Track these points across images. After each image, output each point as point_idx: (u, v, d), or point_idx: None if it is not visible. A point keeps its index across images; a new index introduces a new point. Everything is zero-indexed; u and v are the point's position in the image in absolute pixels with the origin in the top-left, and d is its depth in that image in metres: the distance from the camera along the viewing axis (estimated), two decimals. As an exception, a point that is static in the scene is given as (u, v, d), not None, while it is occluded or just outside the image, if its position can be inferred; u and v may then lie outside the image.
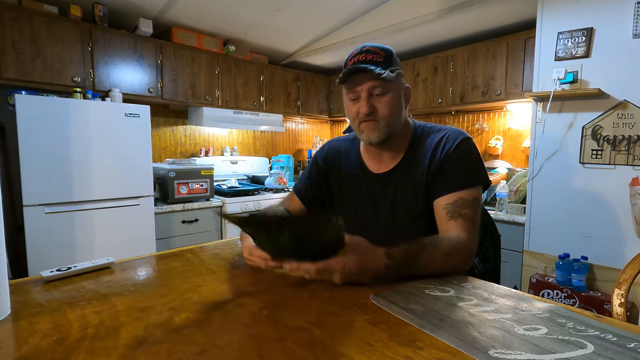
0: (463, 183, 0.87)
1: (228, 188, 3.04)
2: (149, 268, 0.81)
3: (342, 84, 0.91)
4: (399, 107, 0.91)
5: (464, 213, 0.84)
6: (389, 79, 0.86)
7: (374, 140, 0.91)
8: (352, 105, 0.91)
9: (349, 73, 0.87)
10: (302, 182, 1.11)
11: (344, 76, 0.88)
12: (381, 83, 0.87)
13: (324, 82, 3.88)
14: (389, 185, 0.97)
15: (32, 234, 1.99)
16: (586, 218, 1.90)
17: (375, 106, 0.88)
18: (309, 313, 0.57)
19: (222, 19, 2.74)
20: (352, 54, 0.90)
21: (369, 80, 0.87)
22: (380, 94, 0.88)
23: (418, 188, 0.93)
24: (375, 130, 0.90)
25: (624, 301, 0.90)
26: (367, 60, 0.87)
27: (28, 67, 2.14)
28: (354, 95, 0.90)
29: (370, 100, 0.88)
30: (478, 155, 0.93)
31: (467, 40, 2.84)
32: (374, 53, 0.88)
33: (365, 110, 0.88)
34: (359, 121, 0.91)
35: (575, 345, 0.47)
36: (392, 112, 0.89)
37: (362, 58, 0.88)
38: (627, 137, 1.76)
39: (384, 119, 0.89)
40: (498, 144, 2.86)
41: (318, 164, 1.10)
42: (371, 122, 0.89)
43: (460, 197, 0.86)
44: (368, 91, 0.88)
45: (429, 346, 0.47)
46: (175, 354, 0.45)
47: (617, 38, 1.76)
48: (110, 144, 2.22)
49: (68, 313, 0.56)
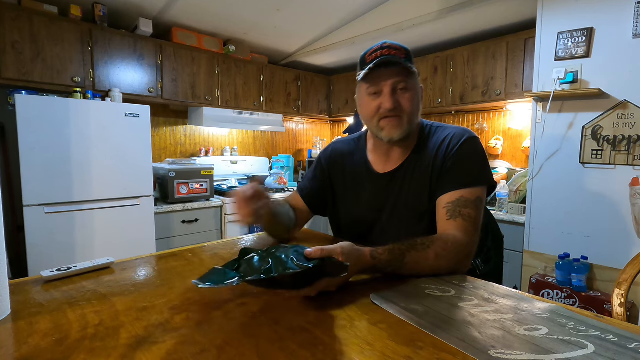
0: (466, 182, 0.85)
1: (228, 188, 3.04)
2: (149, 268, 0.81)
3: (364, 79, 0.88)
4: (419, 105, 0.90)
5: (465, 212, 0.82)
6: (413, 74, 0.86)
7: (396, 137, 0.88)
8: (372, 101, 0.88)
9: (374, 67, 0.83)
10: (306, 183, 1.11)
11: (369, 70, 0.84)
12: (405, 78, 0.85)
13: (324, 82, 3.88)
14: (393, 185, 0.96)
15: (32, 233, 1.99)
16: (586, 218, 1.90)
17: (399, 101, 0.86)
18: (308, 313, 0.57)
19: (222, 19, 2.74)
20: (372, 49, 0.88)
21: (394, 74, 0.85)
22: (403, 90, 0.86)
23: (422, 188, 0.91)
24: (399, 127, 0.87)
25: (624, 301, 0.90)
26: (391, 55, 0.85)
27: (28, 67, 2.14)
28: (376, 90, 0.87)
29: (394, 95, 0.86)
30: (483, 155, 0.90)
31: (467, 40, 2.84)
32: (396, 49, 0.87)
33: (389, 105, 0.85)
34: (380, 117, 0.88)
35: (576, 345, 0.47)
36: (414, 108, 0.88)
37: (385, 53, 0.86)
38: (627, 137, 1.76)
39: (407, 114, 0.87)
40: (498, 144, 2.86)
41: (322, 165, 1.09)
42: (394, 118, 0.87)
43: (462, 196, 0.84)
44: (392, 86, 0.85)
45: (429, 346, 0.47)
46: (175, 354, 0.45)
47: (617, 38, 1.76)
48: (110, 144, 2.22)
49: (68, 313, 0.56)
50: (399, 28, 2.70)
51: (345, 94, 3.76)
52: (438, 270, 0.74)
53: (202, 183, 2.70)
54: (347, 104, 3.77)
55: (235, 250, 0.93)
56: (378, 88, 0.87)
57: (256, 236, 1.08)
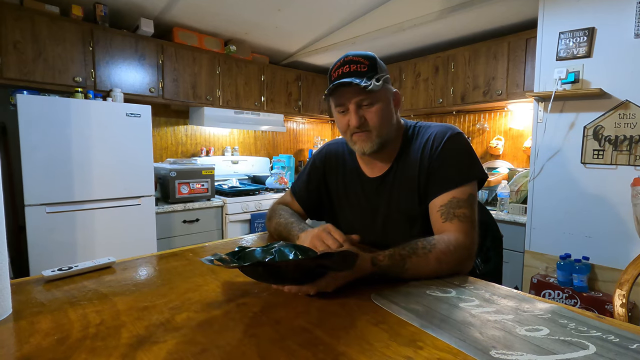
0: (455, 181, 0.85)
1: (229, 188, 3.04)
2: (149, 268, 0.81)
3: (329, 97, 0.89)
4: (388, 115, 0.90)
5: (459, 213, 0.82)
6: (375, 90, 0.84)
7: (367, 151, 0.90)
8: (342, 117, 0.90)
9: (334, 88, 0.84)
10: (300, 184, 1.11)
11: (329, 91, 0.85)
12: (368, 95, 0.85)
13: (325, 82, 3.87)
14: (383, 189, 0.96)
15: (34, 233, 1.99)
16: (587, 218, 1.89)
17: (365, 117, 0.87)
18: (309, 313, 0.57)
19: (223, 19, 2.74)
20: (335, 66, 0.89)
21: (356, 93, 0.85)
22: (368, 105, 0.86)
23: (411, 191, 0.91)
24: (368, 141, 0.89)
25: (626, 302, 0.90)
26: (351, 71, 0.85)
27: (30, 67, 2.15)
28: (343, 109, 0.89)
29: (359, 111, 0.87)
30: (469, 150, 0.90)
31: (468, 40, 2.84)
32: (357, 63, 0.86)
33: (355, 122, 0.86)
34: (351, 132, 0.90)
35: (577, 346, 0.47)
36: (382, 121, 0.88)
37: (345, 70, 0.86)
38: (629, 137, 1.76)
39: (375, 129, 0.88)
40: (499, 144, 2.86)
41: (317, 167, 1.09)
42: (362, 133, 0.88)
43: (454, 197, 0.84)
44: (356, 104, 0.86)
45: (429, 346, 0.47)
46: (175, 354, 0.45)
47: (618, 38, 1.76)
48: (111, 143, 2.22)
49: (69, 312, 0.57)
50: (400, 28, 2.70)
51: (346, 94, 3.76)
52: (440, 273, 0.74)
53: (203, 183, 2.70)
54: (348, 104, 3.76)
55: (236, 250, 0.93)
56: (344, 107, 0.88)
57: (257, 236, 1.08)
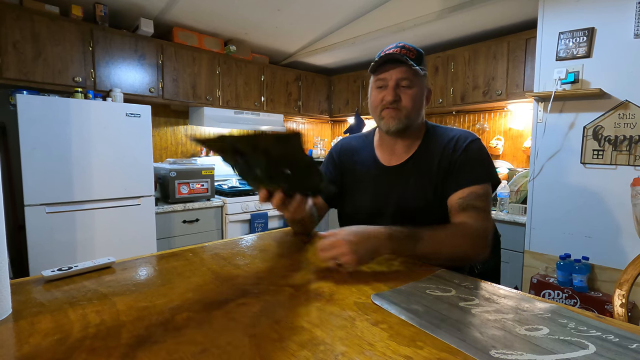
0: (474, 179, 0.92)
1: (229, 188, 3.04)
2: (149, 268, 0.81)
3: (374, 72, 0.96)
4: (420, 102, 0.97)
5: (476, 204, 0.89)
6: (417, 74, 0.93)
7: (392, 128, 0.95)
8: (378, 93, 0.96)
9: (382, 62, 0.93)
10: None
11: (377, 64, 0.93)
12: (409, 76, 0.93)
13: (325, 82, 3.88)
14: (399, 179, 1.00)
15: (33, 233, 1.99)
16: (587, 218, 1.90)
17: (400, 96, 0.93)
18: (309, 313, 0.57)
19: (223, 19, 2.74)
20: (387, 48, 0.96)
21: (400, 72, 0.93)
22: (406, 86, 0.93)
23: (427, 183, 0.96)
24: (396, 118, 0.94)
25: (625, 302, 0.90)
26: (402, 54, 0.93)
27: (29, 67, 2.15)
28: (382, 83, 0.95)
29: (396, 90, 0.93)
30: (487, 155, 0.97)
31: (468, 40, 2.84)
32: (408, 50, 0.95)
33: (390, 97, 0.93)
34: (382, 108, 0.96)
35: (577, 345, 0.47)
36: (414, 104, 0.94)
37: (397, 51, 0.93)
38: (629, 138, 1.76)
39: (405, 108, 0.94)
40: (499, 144, 2.86)
41: (334, 159, 1.15)
42: (393, 110, 0.94)
43: (472, 191, 0.91)
44: (396, 81, 0.93)
45: (429, 346, 0.47)
46: (175, 354, 0.45)
47: (618, 38, 1.76)
48: (111, 143, 2.22)
49: (69, 312, 0.56)
50: (400, 28, 2.70)
51: (346, 94, 3.76)
52: (454, 255, 0.79)
53: (202, 183, 2.70)
54: (347, 104, 3.76)
55: (236, 250, 0.93)
56: (384, 82, 0.95)
57: (257, 236, 1.08)
